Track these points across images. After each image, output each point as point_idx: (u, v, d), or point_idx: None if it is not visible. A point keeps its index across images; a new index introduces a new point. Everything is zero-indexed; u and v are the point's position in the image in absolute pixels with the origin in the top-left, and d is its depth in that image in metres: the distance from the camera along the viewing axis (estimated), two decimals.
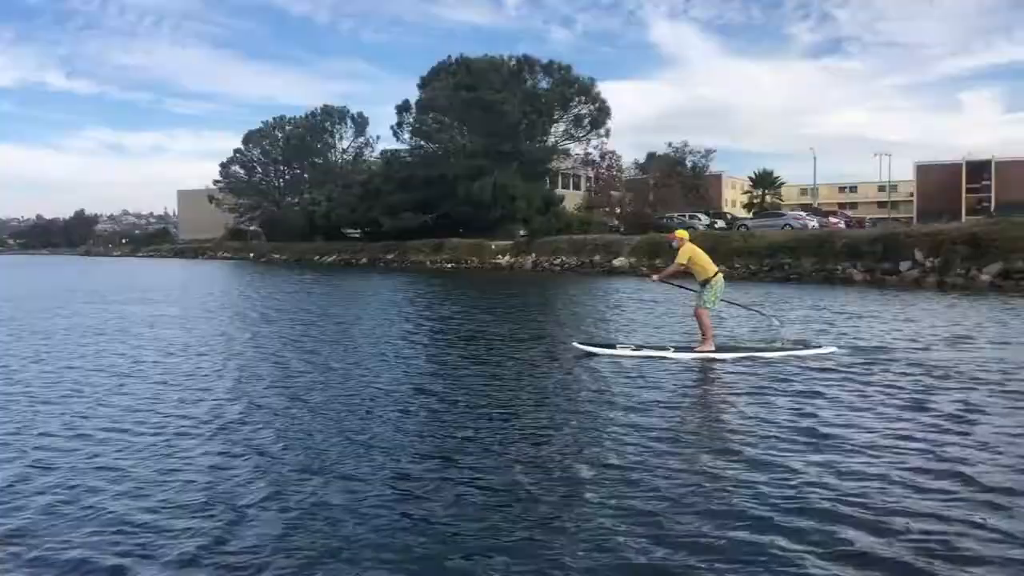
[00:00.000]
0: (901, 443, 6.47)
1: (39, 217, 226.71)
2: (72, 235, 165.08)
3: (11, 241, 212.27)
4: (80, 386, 9.55)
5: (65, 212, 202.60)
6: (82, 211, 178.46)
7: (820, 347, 11.50)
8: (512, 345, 12.76)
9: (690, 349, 11.26)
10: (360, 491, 5.50)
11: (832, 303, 19.62)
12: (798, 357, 10.75)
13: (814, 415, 7.54)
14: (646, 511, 4.99)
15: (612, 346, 11.64)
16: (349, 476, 5.86)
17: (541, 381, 9.69)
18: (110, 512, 5.15)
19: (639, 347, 11.45)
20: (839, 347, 11.55)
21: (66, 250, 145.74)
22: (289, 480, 5.78)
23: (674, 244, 11.66)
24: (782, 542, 4.49)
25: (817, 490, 5.36)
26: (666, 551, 4.41)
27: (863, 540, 4.52)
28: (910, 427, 7.00)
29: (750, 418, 7.51)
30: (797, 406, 7.91)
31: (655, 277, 12.39)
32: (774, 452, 6.30)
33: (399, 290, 28.26)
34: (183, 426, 7.44)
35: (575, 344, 11.87)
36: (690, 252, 11.28)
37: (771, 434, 6.85)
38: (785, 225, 43.52)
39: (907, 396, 8.27)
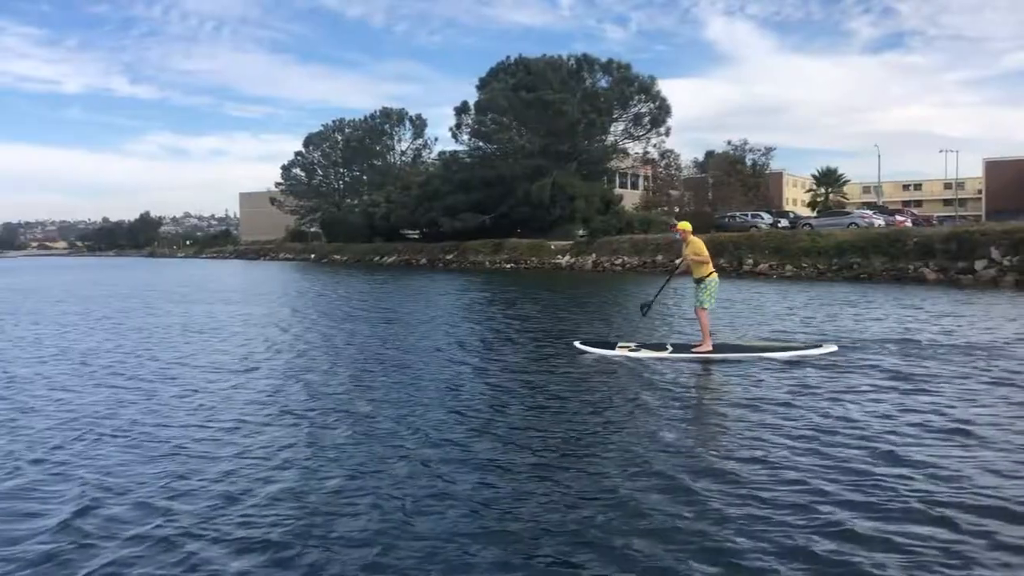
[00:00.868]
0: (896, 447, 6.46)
1: (105, 220, 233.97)
2: (137, 237, 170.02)
3: (79, 243, 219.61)
4: (199, 382, 10.02)
5: (129, 215, 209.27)
6: (147, 213, 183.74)
7: (821, 346, 11.49)
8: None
9: (688, 349, 11.29)
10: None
11: (917, 302, 19.27)
12: (802, 357, 10.76)
13: (815, 415, 7.58)
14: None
15: (611, 346, 11.70)
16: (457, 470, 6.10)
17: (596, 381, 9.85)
18: (281, 498, 5.49)
19: (638, 347, 11.50)
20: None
21: (132, 252, 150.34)
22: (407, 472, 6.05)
23: (677, 237, 11.68)
24: (786, 542, 4.54)
25: (814, 489, 5.45)
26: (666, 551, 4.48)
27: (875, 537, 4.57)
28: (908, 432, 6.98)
29: (738, 420, 7.53)
30: (799, 406, 7.95)
31: (669, 279, 12.44)
32: (768, 451, 6.38)
33: (471, 289, 28.56)
34: (316, 420, 7.80)
35: (575, 344, 12.00)
36: (695, 246, 11.24)
37: (762, 437, 6.86)
38: (851, 224, 42.77)
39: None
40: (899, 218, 49.32)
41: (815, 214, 62.10)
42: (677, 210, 63.87)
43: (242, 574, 4.28)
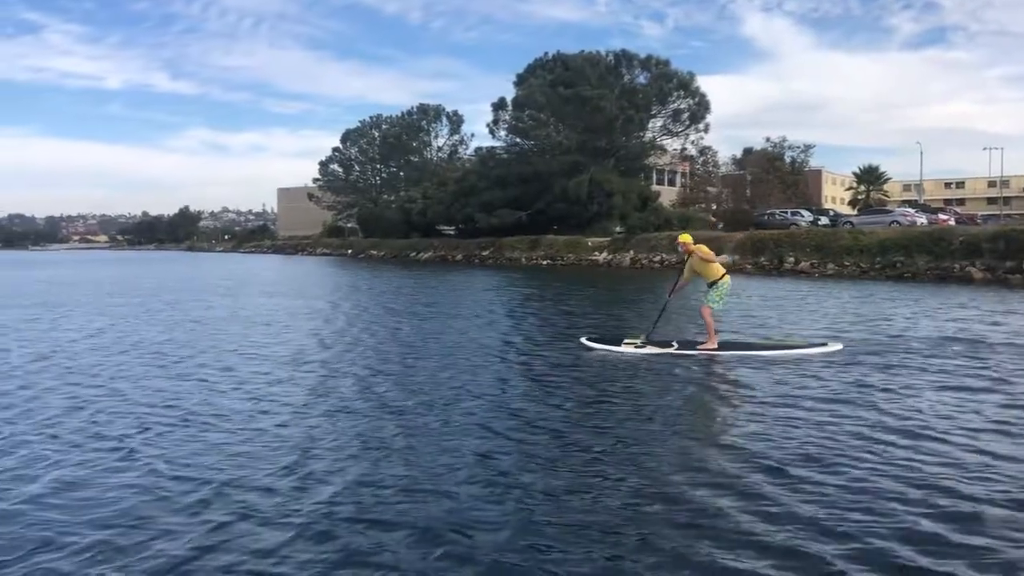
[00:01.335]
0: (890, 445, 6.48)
1: (145, 214, 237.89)
2: (177, 231, 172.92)
3: (119, 237, 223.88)
4: (257, 373, 10.30)
5: (169, 209, 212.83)
6: (186, 208, 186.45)
7: (826, 344, 11.48)
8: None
9: (694, 346, 11.34)
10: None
11: (970, 302, 19.01)
12: (804, 355, 10.77)
13: (819, 412, 7.61)
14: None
15: (617, 343, 11.74)
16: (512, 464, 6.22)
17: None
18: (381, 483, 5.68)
19: (644, 343, 11.54)
20: None
21: (171, 246, 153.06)
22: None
23: (679, 250, 11.71)
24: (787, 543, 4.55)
25: (810, 485, 5.48)
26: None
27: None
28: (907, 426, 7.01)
29: (743, 417, 7.58)
30: (805, 405, 7.95)
31: (670, 296, 12.34)
32: (765, 448, 6.42)
33: (515, 286, 28.65)
34: (372, 414, 7.99)
35: (582, 340, 12.07)
36: (703, 251, 11.33)
37: (766, 432, 6.92)
38: (892, 222, 42.20)
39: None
40: (942, 216, 48.56)
41: (856, 212, 61.33)
42: (715, 207, 63.45)
43: (310, 562, 4.41)
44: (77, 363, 11.12)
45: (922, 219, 43.43)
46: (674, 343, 11.58)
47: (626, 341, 11.70)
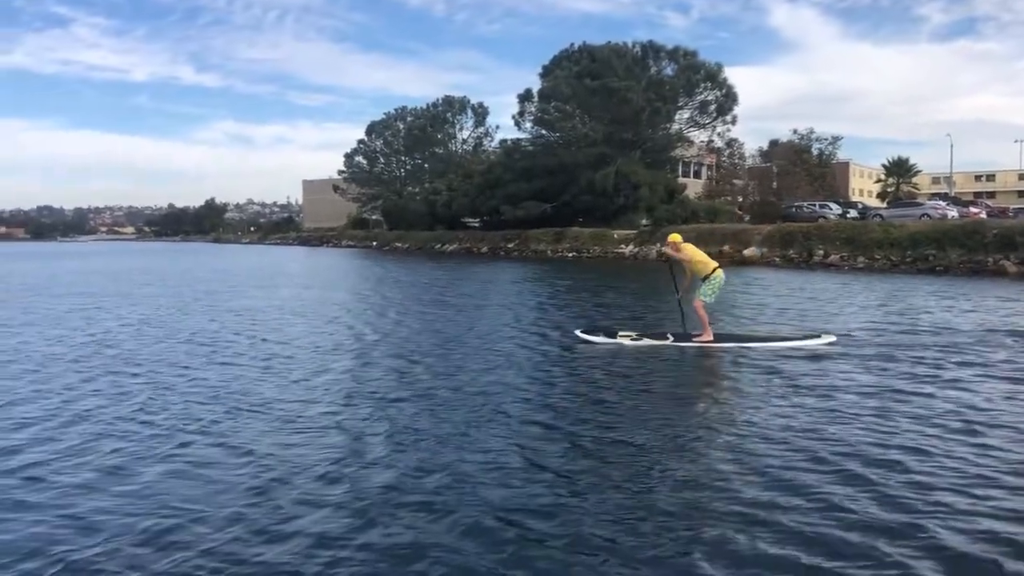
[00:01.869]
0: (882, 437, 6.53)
1: (171, 206, 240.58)
2: (203, 223, 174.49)
3: (146, 228, 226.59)
4: (299, 362, 10.52)
5: (194, 201, 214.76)
6: (212, 200, 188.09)
7: (819, 336, 11.54)
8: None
9: (689, 338, 11.38)
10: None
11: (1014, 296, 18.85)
12: (797, 347, 10.87)
13: (807, 404, 7.70)
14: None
15: (613, 335, 11.78)
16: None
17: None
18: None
19: (640, 336, 11.60)
20: None
21: (197, 237, 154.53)
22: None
23: (666, 250, 11.73)
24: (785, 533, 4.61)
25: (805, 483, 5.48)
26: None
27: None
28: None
29: (740, 408, 7.65)
30: (795, 394, 8.08)
31: (679, 295, 12.18)
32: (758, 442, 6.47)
33: (548, 278, 28.70)
34: (412, 405, 8.17)
35: (576, 332, 12.13)
36: (692, 251, 11.47)
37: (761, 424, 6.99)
38: (923, 215, 41.77)
39: None
40: (973, 209, 47.97)
41: (885, 204, 60.69)
42: (740, 199, 63.04)
43: (369, 546, 4.57)
44: (125, 351, 11.42)
45: (953, 212, 42.93)
46: (669, 335, 11.65)
47: (621, 333, 11.79)
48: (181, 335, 13.16)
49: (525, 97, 57.87)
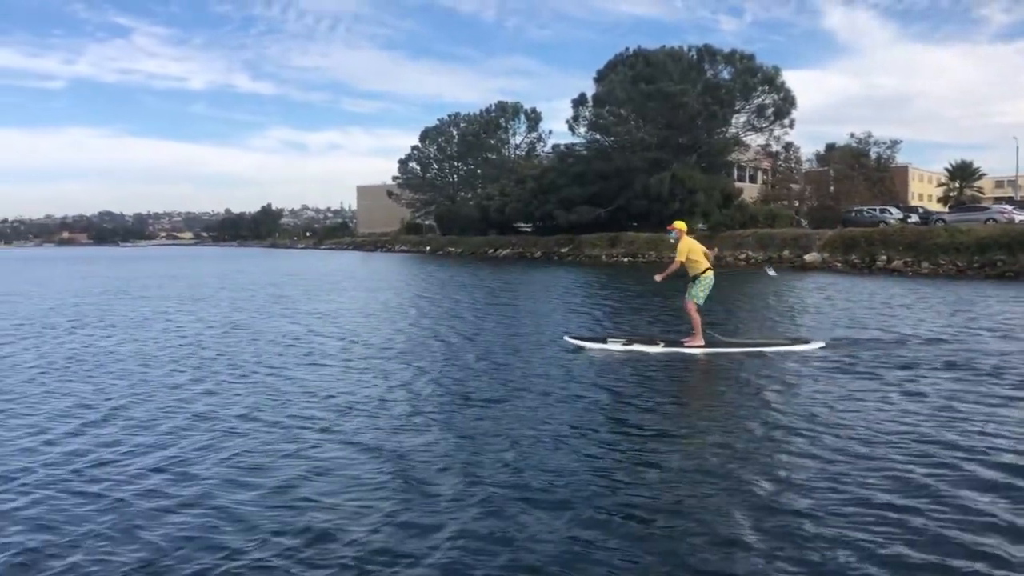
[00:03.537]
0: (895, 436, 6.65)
1: (227, 211, 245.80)
2: (259, 228, 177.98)
3: (203, 234, 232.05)
4: (404, 365, 10.79)
5: (250, 207, 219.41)
6: (268, 206, 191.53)
7: (808, 342, 11.48)
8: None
9: (679, 343, 11.30)
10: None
11: None
12: (787, 353, 10.84)
13: (800, 409, 7.73)
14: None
15: (603, 340, 11.74)
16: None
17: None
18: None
19: (629, 341, 11.54)
20: None
21: (253, 242, 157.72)
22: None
23: (672, 236, 11.60)
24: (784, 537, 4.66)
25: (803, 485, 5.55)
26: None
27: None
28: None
29: (729, 414, 7.67)
30: (784, 400, 8.13)
31: (658, 278, 12.06)
32: (754, 445, 6.56)
33: (610, 285, 28.84)
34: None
35: (565, 338, 12.10)
36: (688, 246, 11.33)
37: (752, 429, 7.06)
38: (988, 219, 40.73)
39: None
40: None
41: (947, 209, 59.30)
42: (797, 204, 62.22)
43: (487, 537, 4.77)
44: (222, 353, 11.86)
45: (1021, 216, 41.76)
46: (660, 341, 11.63)
47: (611, 339, 11.79)
48: (269, 337, 13.59)
49: (579, 102, 58.03)
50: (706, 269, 11.35)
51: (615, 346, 11.46)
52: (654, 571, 4.28)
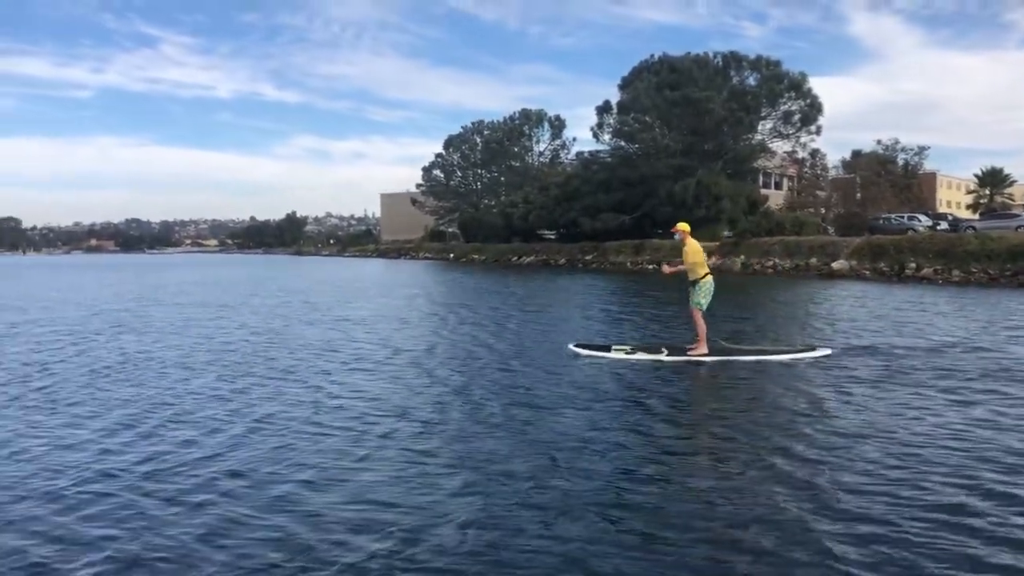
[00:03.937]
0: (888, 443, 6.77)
1: (252, 219, 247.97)
2: (284, 236, 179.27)
3: (229, 241, 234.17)
4: (452, 372, 10.97)
5: (274, 214, 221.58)
6: (293, 213, 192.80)
7: (815, 350, 11.47)
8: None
9: (684, 351, 11.30)
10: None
11: None
12: (794, 360, 10.84)
13: (809, 416, 7.81)
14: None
15: (607, 348, 11.73)
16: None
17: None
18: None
19: (633, 350, 11.54)
20: None
21: (278, 250, 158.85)
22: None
23: (676, 237, 11.65)
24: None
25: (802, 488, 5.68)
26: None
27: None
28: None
29: (730, 424, 7.65)
30: (801, 407, 8.18)
31: (666, 269, 12.19)
32: (755, 454, 6.59)
33: (643, 292, 28.92)
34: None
35: (569, 347, 12.12)
36: (695, 247, 11.38)
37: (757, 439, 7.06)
38: (1019, 227, 40.34)
39: None
40: None
41: (977, 216, 58.71)
42: (823, 211, 61.89)
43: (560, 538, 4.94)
44: (269, 358, 12.12)
45: None
46: (664, 349, 11.63)
47: (616, 347, 11.81)
48: (312, 343, 13.82)
49: (604, 109, 58.13)
50: (705, 274, 11.43)
51: (619, 354, 11.51)
52: None
